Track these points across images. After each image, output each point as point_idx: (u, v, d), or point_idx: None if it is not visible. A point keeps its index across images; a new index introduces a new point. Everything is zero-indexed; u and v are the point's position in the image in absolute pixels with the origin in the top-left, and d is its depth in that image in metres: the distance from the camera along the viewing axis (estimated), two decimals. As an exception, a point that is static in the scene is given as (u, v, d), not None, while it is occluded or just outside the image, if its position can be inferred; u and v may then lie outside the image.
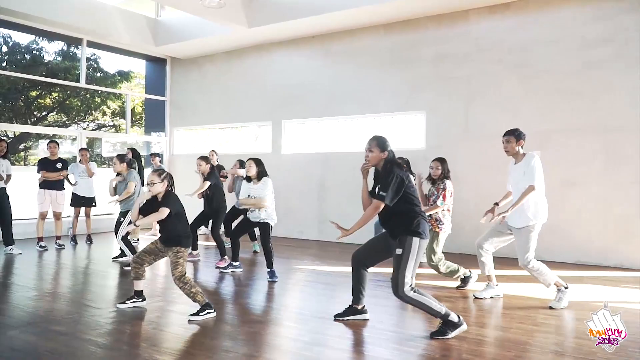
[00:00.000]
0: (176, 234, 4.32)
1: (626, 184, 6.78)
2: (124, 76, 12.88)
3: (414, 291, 3.82)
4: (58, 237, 8.14)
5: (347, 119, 9.43)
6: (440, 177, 5.62)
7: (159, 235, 4.62)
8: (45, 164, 7.99)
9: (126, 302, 4.60)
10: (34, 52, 11.96)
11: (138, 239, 8.52)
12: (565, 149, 7.20)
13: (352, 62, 9.15)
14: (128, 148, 8.89)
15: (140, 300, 4.61)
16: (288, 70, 9.90)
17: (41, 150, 13.67)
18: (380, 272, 5.68)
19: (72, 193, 8.57)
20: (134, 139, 11.92)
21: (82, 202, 8.62)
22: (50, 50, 11.83)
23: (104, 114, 13.12)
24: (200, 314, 4.20)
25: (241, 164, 8.21)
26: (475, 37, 7.92)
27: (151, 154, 9.63)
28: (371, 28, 8.89)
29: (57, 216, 8.10)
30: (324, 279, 6.10)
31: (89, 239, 8.73)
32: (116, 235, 6.79)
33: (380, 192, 3.88)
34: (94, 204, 8.76)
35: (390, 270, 3.90)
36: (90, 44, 10.30)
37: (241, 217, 7.67)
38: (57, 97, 13.29)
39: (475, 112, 7.92)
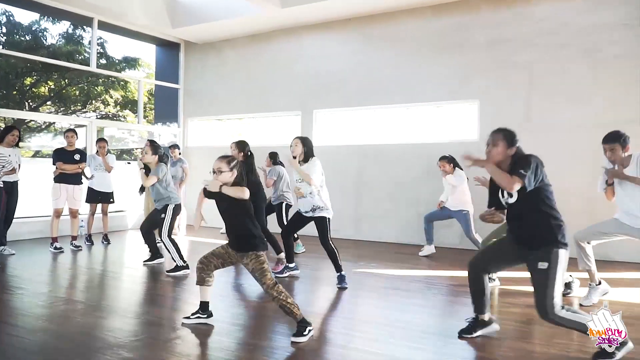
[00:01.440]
0: (249, 235, 3.57)
1: None
2: (131, 63, 11.95)
3: (566, 309, 3.17)
4: (74, 237, 7.28)
5: (387, 109, 8.73)
6: None
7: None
8: (61, 155, 7.11)
9: (190, 317, 3.85)
10: (35, 33, 10.96)
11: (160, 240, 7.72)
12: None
13: (394, 48, 8.45)
14: (148, 140, 8.05)
15: (206, 316, 3.85)
16: (320, 56, 9.16)
17: (35, 141, 12.69)
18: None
19: (88, 188, 7.72)
20: (149, 130, 11.04)
21: (98, 198, 7.77)
22: (54, 32, 10.90)
23: (106, 104, 12.18)
24: (304, 333, 3.45)
25: (272, 156, 7.49)
26: (538, 20, 7.29)
27: (170, 146, 8.81)
28: (416, 10, 8.20)
29: (74, 213, 7.24)
30: (397, 284, 5.39)
31: (106, 239, 7.89)
32: (143, 233, 6.00)
33: (520, 170, 3.23)
34: (111, 200, 7.91)
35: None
36: (102, 25, 9.39)
37: (274, 213, 6.99)
38: (53, 86, 12.31)
39: (537, 101, 7.30)
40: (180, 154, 8.96)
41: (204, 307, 3.84)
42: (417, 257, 7.06)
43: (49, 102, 12.70)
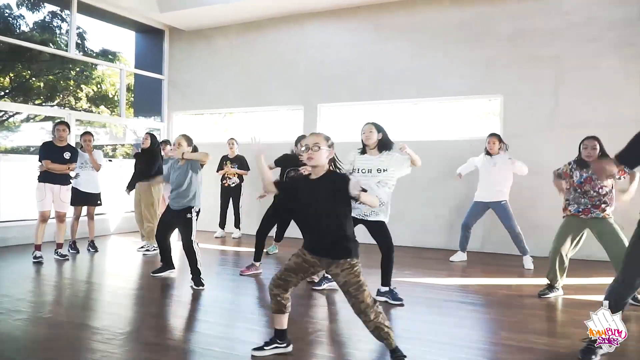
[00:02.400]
0: (347, 238, 2.90)
1: None
2: (109, 57, 10.85)
3: None
4: (59, 245, 6.35)
5: (401, 103, 8.20)
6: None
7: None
8: (49, 151, 6.16)
9: (265, 347, 3.13)
10: (5, 18, 9.73)
11: (155, 248, 6.89)
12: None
13: (409, 39, 7.93)
14: (147, 133, 7.20)
15: (284, 345, 3.15)
16: (326, 46, 8.53)
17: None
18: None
19: (72, 188, 6.80)
20: (131, 124, 10.06)
21: (84, 199, 6.87)
22: (29, 20, 9.74)
23: (77, 98, 11.06)
24: None
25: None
26: (566, 11, 6.94)
27: (161, 142, 7.96)
28: (434, 0, 7.73)
29: (61, 217, 6.32)
30: (448, 295, 4.86)
31: (92, 246, 6.98)
32: (159, 239, 5.22)
33: None
34: (99, 202, 7.01)
35: None
36: (82, 8, 8.40)
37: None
38: (13, 77, 11.07)
39: (566, 96, 6.95)
40: (171, 150, 8.10)
41: (280, 335, 3.13)
42: (443, 262, 6.57)
43: (8, 94, 11.45)
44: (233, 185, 8.54)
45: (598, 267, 5.95)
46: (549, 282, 4.79)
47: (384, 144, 4.52)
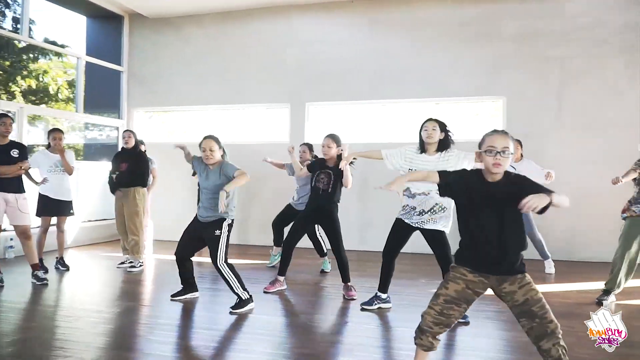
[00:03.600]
0: (523, 248, 2.46)
1: None
2: (54, 43, 9.45)
3: None
4: (35, 267, 5.21)
5: (399, 104, 7.82)
6: None
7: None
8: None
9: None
10: None
11: (141, 264, 5.98)
12: (679, 142, 6.55)
13: (407, 36, 7.58)
14: (127, 131, 6.24)
15: None
16: (316, 41, 7.96)
17: None
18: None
19: (40, 196, 5.72)
20: (85, 120, 8.82)
21: (55, 209, 5.79)
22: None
23: (11, 95, 9.54)
24: None
25: (309, 148, 6.21)
26: (573, 15, 6.93)
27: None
28: (433, -4, 7.45)
29: (25, 233, 5.11)
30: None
31: (62, 264, 5.91)
32: (178, 259, 4.43)
33: None
34: (71, 211, 5.96)
35: None
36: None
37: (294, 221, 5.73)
38: None
39: (571, 98, 6.93)
40: (146, 151, 7.17)
41: None
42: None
43: None
44: (213, 190, 7.73)
45: None
46: (606, 289, 4.61)
47: (445, 144, 4.06)
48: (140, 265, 5.94)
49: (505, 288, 2.42)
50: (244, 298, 4.19)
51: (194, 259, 4.61)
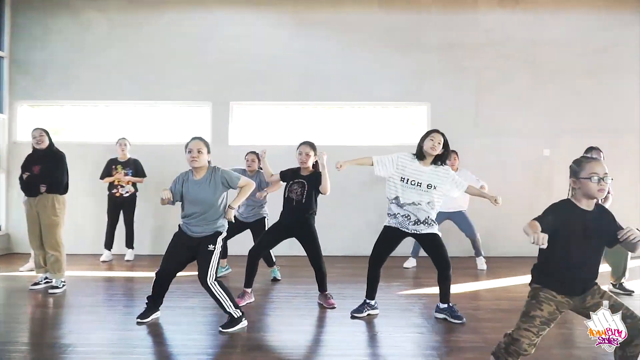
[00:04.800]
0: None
1: (626, 183, 7.39)
2: None
3: None
4: None
5: (329, 106, 7.75)
6: None
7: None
8: None
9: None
10: None
11: (64, 283, 5.11)
12: (575, 148, 7.40)
13: (335, 39, 7.55)
14: (39, 129, 5.26)
15: None
16: (241, 37, 7.54)
17: None
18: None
19: None
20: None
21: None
22: None
23: None
24: None
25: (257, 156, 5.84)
26: (486, 29, 7.51)
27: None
28: (361, 1, 7.52)
29: None
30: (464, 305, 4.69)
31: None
32: (161, 275, 3.86)
33: None
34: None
35: None
36: None
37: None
38: None
39: (486, 106, 7.50)
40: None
41: None
42: (399, 269, 6.39)
43: None
44: (127, 195, 6.92)
45: None
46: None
47: (441, 158, 4.08)
48: (63, 285, 5.05)
49: (588, 303, 2.53)
50: (236, 316, 3.76)
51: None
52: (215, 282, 3.71)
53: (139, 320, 3.92)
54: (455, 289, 4.41)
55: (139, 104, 7.73)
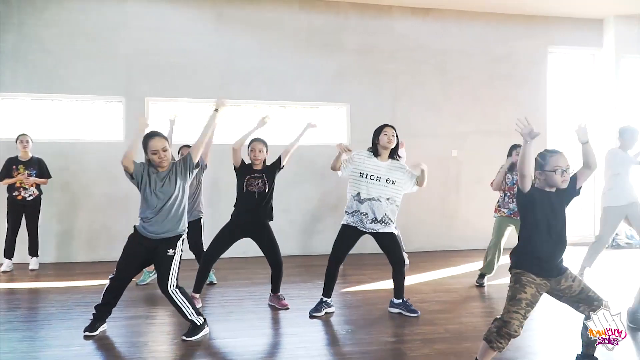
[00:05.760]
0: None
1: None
2: None
3: None
4: None
5: (250, 104, 7.61)
6: None
7: None
8: None
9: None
10: None
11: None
12: (477, 149, 8.08)
13: (255, 36, 7.46)
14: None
15: None
16: (156, 30, 7.16)
17: None
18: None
19: None
20: None
21: None
22: None
23: None
24: None
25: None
26: (400, 35, 7.89)
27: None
28: (282, 0, 7.52)
29: None
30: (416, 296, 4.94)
31: None
32: (118, 281, 3.59)
33: None
34: None
35: None
36: None
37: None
38: None
39: (402, 109, 7.89)
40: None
41: None
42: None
43: None
44: (30, 198, 6.28)
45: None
46: (482, 273, 5.47)
47: (394, 152, 4.26)
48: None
49: (562, 285, 2.79)
50: (198, 324, 3.59)
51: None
52: (177, 290, 3.53)
53: (86, 333, 3.60)
54: (388, 284, 4.59)
55: (37, 97, 7.01)
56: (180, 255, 3.64)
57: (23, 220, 6.31)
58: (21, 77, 6.83)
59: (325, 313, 4.27)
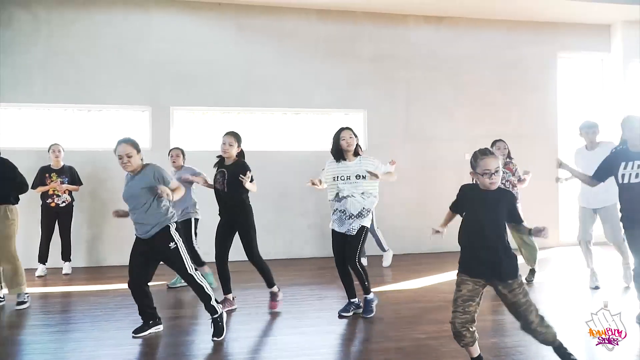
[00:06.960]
0: (510, 253, 2.88)
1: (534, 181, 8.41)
2: None
3: None
4: None
5: (269, 112, 7.89)
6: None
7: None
8: None
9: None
10: None
11: (28, 296, 4.77)
12: (490, 152, 8.30)
13: (274, 45, 7.73)
14: None
15: None
16: (178, 40, 7.43)
17: None
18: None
19: None
20: None
21: None
22: None
23: None
24: None
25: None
26: (414, 43, 8.15)
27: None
28: (300, 10, 7.79)
29: None
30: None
31: None
32: (134, 286, 3.77)
33: None
34: None
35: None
36: None
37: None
38: None
39: (415, 114, 8.14)
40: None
41: None
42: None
43: None
44: (63, 205, 6.54)
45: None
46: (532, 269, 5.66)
47: (357, 149, 4.44)
48: (28, 297, 4.74)
49: (503, 291, 2.87)
50: (219, 312, 3.81)
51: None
52: (196, 271, 3.78)
53: (134, 334, 3.85)
54: (412, 284, 4.75)
55: (68, 107, 7.29)
56: (182, 241, 3.83)
57: (56, 227, 6.57)
58: (51, 89, 7.10)
59: (354, 313, 4.50)
